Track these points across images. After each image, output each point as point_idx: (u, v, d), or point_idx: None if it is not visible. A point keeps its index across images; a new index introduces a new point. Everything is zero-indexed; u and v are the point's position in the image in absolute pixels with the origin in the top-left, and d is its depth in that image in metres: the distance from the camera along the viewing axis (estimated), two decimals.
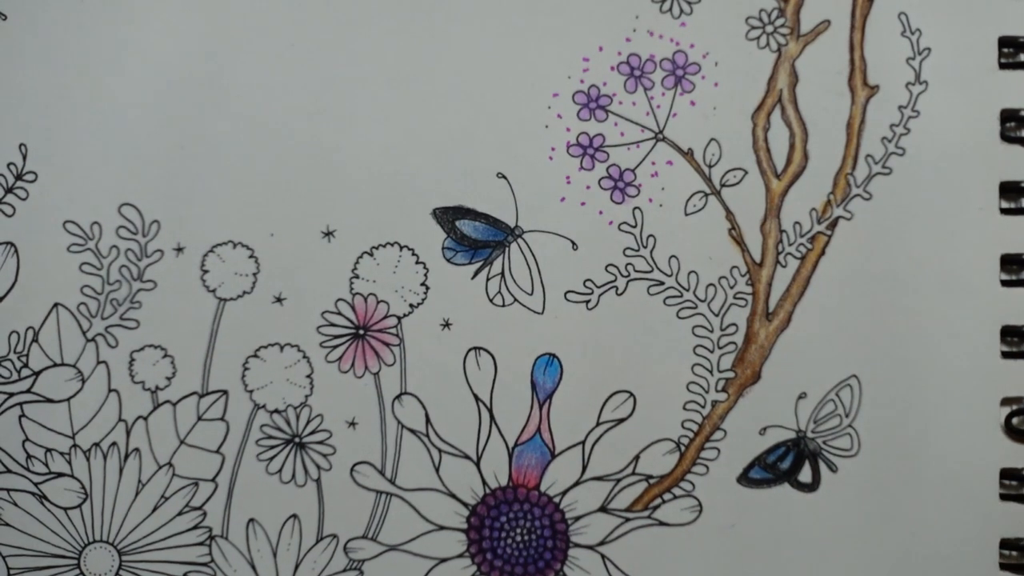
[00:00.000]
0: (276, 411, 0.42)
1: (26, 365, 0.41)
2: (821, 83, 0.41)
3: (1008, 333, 0.40)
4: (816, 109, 0.41)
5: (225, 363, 0.41)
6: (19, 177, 0.41)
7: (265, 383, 0.42)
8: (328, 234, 0.41)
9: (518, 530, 0.42)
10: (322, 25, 0.42)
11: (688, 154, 0.41)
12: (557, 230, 0.41)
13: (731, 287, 0.41)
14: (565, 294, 0.41)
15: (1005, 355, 0.41)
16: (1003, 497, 0.40)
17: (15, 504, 0.41)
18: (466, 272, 0.41)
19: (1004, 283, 0.41)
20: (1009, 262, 0.41)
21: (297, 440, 0.42)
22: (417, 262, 0.41)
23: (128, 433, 0.41)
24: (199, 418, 0.41)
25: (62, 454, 0.41)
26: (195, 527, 0.42)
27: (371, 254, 0.41)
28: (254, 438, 0.42)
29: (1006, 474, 0.40)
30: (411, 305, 0.41)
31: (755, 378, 0.41)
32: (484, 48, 0.42)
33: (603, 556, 0.42)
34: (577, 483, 0.41)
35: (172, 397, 0.41)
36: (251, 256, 0.41)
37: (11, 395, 0.41)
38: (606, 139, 0.41)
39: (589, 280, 0.41)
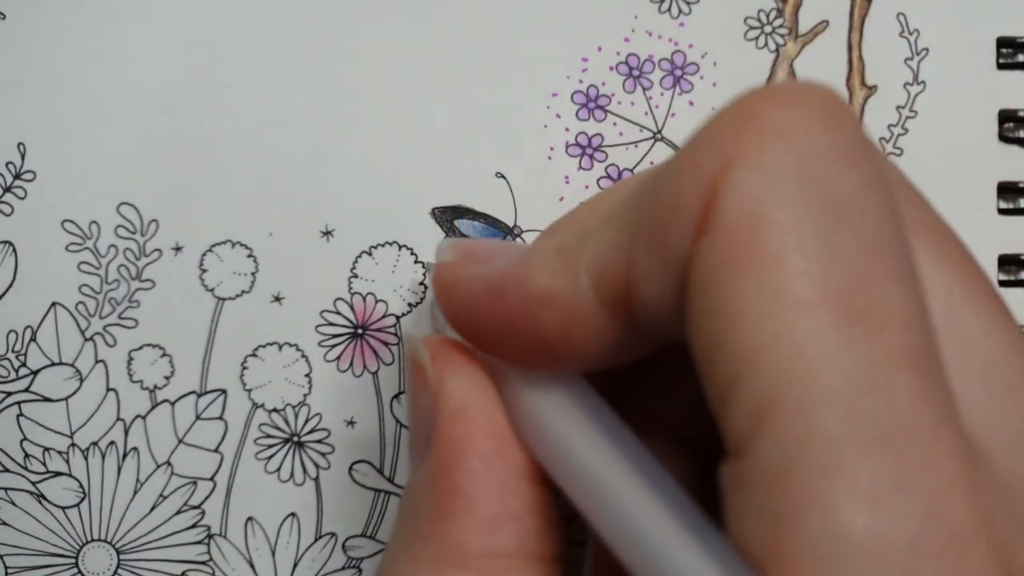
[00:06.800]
0: (274, 410, 0.42)
1: (24, 364, 0.41)
2: None
3: None
4: None
5: (223, 362, 0.41)
6: (17, 176, 0.41)
7: (264, 382, 0.42)
8: (327, 233, 0.41)
9: None
10: (321, 25, 0.42)
11: None
12: None
13: None
14: None
15: None
16: None
17: (13, 503, 0.41)
18: None
19: (1002, 283, 0.41)
20: (1007, 263, 0.41)
21: (296, 439, 0.42)
22: (416, 261, 0.41)
23: (126, 432, 0.41)
24: (197, 417, 0.41)
25: (60, 453, 0.41)
26: (193, 526, 0.42)
27: (370, 253, 0.41)
28: (252, 437, 0.42)
29: None
30: (410, 304, 0.41)
31: None
32: (483, 48, 0.41)
33: None
34: None
35: (170, 396, 0.41)
36: (250, 255, 0.41)
37: (9, 394, 0.41)
38: (605, 139, 0.41)
39: None
